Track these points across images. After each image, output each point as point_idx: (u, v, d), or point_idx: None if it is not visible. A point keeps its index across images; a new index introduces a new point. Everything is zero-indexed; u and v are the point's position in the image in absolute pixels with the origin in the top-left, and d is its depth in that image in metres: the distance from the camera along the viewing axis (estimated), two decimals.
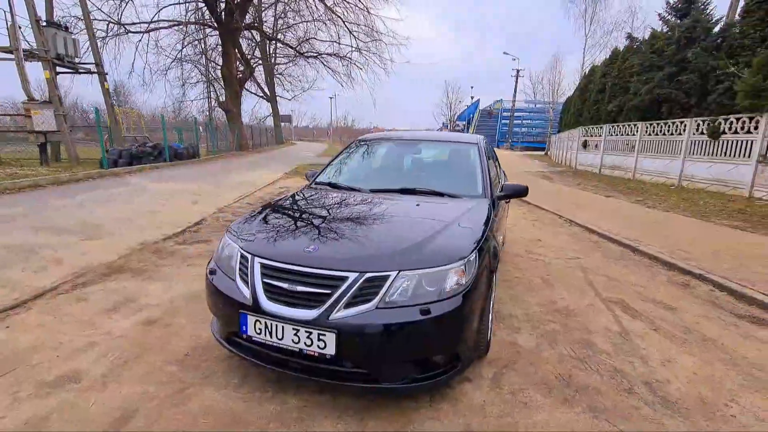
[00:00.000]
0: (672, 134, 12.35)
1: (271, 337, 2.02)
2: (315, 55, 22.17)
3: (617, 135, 15.53)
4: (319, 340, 1.93)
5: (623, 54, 15.85)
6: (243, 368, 2.50)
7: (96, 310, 3.25)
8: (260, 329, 2.04)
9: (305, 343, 1.96)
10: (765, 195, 9.06)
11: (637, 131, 14.13)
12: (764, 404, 2.29)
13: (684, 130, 11.80)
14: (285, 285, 2.05)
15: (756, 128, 9.42)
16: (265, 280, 2.12)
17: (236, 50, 21.97)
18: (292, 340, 1.98)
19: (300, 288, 2.02)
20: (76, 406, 2.11)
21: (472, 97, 54.17)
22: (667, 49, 12.56)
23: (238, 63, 22.12)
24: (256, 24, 22.46)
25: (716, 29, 11.83)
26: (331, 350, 1.92)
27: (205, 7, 19.85)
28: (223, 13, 19.73)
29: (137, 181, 10.88)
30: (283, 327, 1.98)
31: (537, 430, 2.04)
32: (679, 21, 12.62)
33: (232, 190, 10.06)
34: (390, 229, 2.47)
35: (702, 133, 11.10)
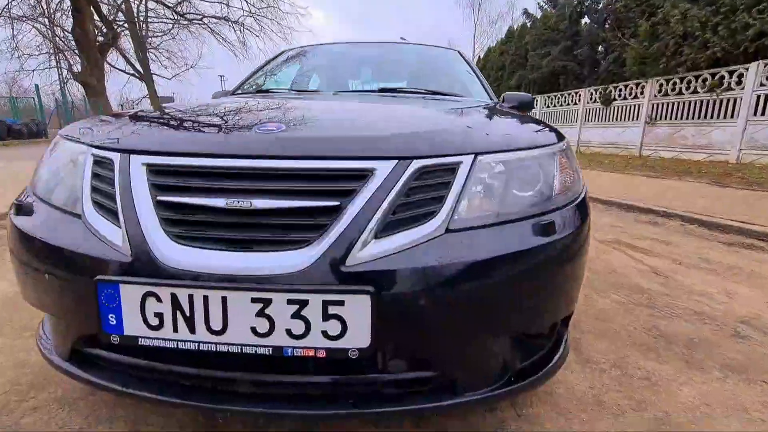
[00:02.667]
0: (569, 104, 13.28)
1: (192, 330, 0.80)
2: (199, 17, 18.65)
3: None
4: (327, 318, 0.78)
5: (519, 31, 16.68)
6: (122, 410, 1.19)
7: None
8: (161, 314, 0.80)
9: (289, 331, 0.79)
10: (652, 153, 10.10)
11: (536, 105, 15.00)
12: None
13: (579, 100, 12.74)
14: (220, 201, 0.84)
15: (642, 93, 10.41)
16: (162, 198, 0.87)
17: (92, 7, 17.62)
18: (255, 331, 0.79)
19: (265, 203, 0.83)
20: None
21: None
22: (561, 24, 13.38)
23: (100, 26, 17.74)
24: None
25: (601, 5, 12.90)
26: (361, 338, 0.79)
27: None
28: None
29: None
30: (224, 299, 0.78)
31: (705, 415, 1.20)
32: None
33: None
34: (409, 106, 1.39)
35: (595, 101, 12.06)
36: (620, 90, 11.09)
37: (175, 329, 0.80)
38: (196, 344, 0.81)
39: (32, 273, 0.97)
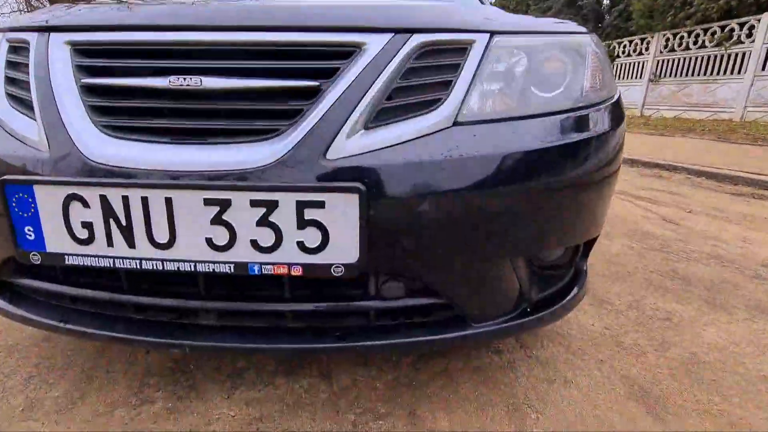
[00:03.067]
0: None
1: (130, 243, 0.62)
2: None
3: None
4: (302, 224, 0.60)
5: None
6: (67, 363, 1.04)
7: None
8: (89, 224, 0.62)
9: (255, 243, 0.61)
10: (654, 112, 9.82)
11: None
12: None
13: None
14: (159, 82, 0.64)
15: (647, 49, 9.98)
16: (89, 80, 0.67)
17: None
18: (212, 243, 0.62)
19: (216, 81, 0.63)
20: None
21: None
22: None
23: None
24: None
25: None
26: (346, 247, 0.62)
27: None
28: None
29: None
30: (169, 202, 0.60)
31: (733, 353, 1.08)
32: None
33: None
34: None
35: None
36: (624, 46, 10.64)
37: (110, 243, 0.63)
38: (138, 261, 0.63)
39: None
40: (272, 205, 0.60)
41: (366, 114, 0.65)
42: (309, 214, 0.60)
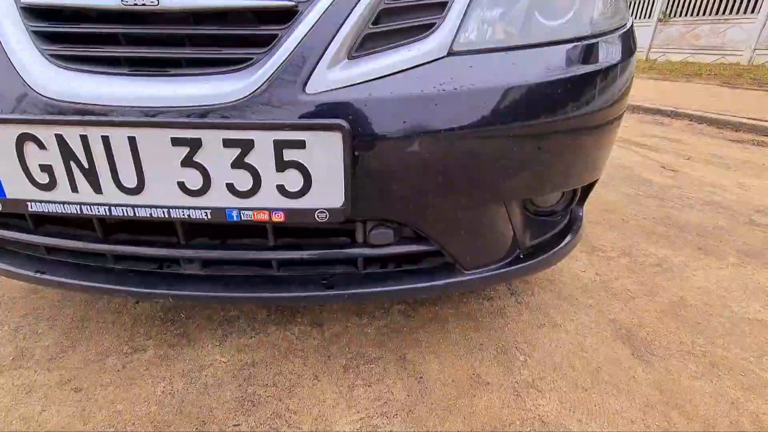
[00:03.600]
0: None
1: (96, 189, 0.58)
2: None
3: None
4: (282, 166, 0.56)
5: None
6: (55, 315, 1.03)
7: None
8: (48, 167, 0.57)
9: (231, 187, 0.57)
10: (660, 56, 9.41)
11: None
12: None
13: None
14: (108, 1, 0.55)
15: None
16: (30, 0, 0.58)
17: None
18: (182, 186, 0.57)
19: (172, 2, 0.55)
20: None
21: None
22: None
23: None
24: None
25: None
26: (330, 192, 0.58)
27: None
28: None
29: None
30: (133, 142, 0.54)
31: (720, 298, 1.09)
32: None
33: None
34: None
35: None
36: None
37: (74, 188, 0.58)
38: (107, 208, 0.59)
39: None
40: (248, 145, 0.54)
41: (349, 41, 0.57)
42: (288, 155, 0.55)
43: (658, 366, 0.87)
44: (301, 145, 0.55)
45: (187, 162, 0.55)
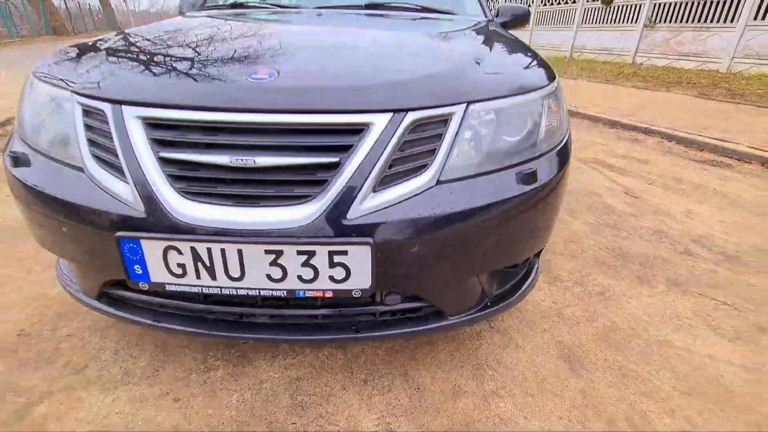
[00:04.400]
0: (567, 3, 12.27)
1: (213, 277, 0.91)
2: None
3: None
4: (333, 265, 0.89)
5: None
6: (150, 338, 1.36)
7: None
8: (182, 265, 0.90)
9: (301, 276, 0.90)
10: (646, 60, 9.76)
11: (533, 1, 13.79)
12: None
13: None
14: (224, 158, 0.87)
15: None
16: (164, 154, 0.90)
17: None
18: (270, 277, 0.90)
19: (268, 160, 0.87)
20: None
21: None
22: None
23: None
24: None
25: None
26: (362, 280, 0.91)
27: None
28: None
29: None
30: (240, 252, 0.87)
31: (642, 323, 1.45)
32: None
33: None
34: (402, 43, 1.35)
35: (596, 0, 11.16)
36: None
37: (198, 276, 0.91)
38: (218, 288, 0.92)
39: (46, 225, 1.03)
40: (312, 253, 0.87)
41: (374, 181, 0.90)
42: (337, 258, 0.88)
43: (585, 377, 1.23)
44: (344, 253, 0.88)
45: (273, 263, 0.88)
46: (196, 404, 1.12)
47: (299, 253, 0.87)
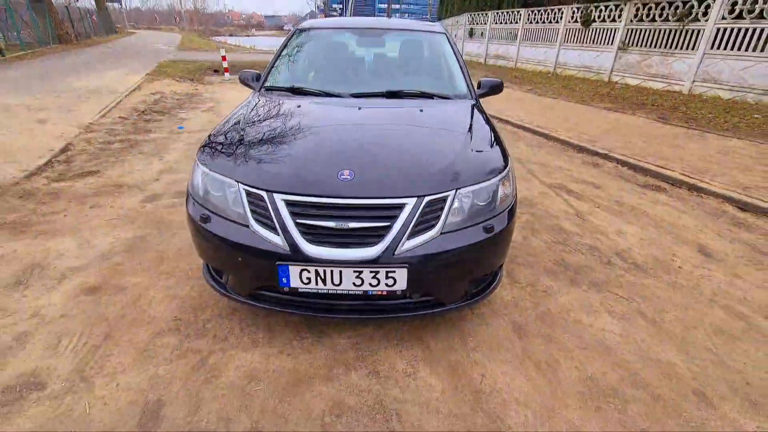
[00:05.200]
0: (551, 22, 13.23)
1: (325, 284, 1.73)
2: None
3: (502, 23, 16.01)
4: (387, 278, 1.72)
5: None
6: (260, 320, 2.18)
7: None
8: (309, 278, 1.72)
9: (370, 284, 1.73)
10: (620, 79, 10.73)
11: (520, 18, 14.73)
12: (693, 254, 2.97)
13: (561, 18, 12.70)
14: (332, 223, 1.70)
15: (620, 17, 10.62)
16: (299, 220, 1.72)
17: None
18: (354, 284, 1.73)
19: (354, 224, 1.70)
20: (70, 416, 1.61)
21: None
22: None
23: None
24: None
25: None
26: (401, 285, 1.75)
27: None
28: None
29: None
30: (341, 272, 1.70)
31: (567, 309, 2.31)
32: None
33: (86, 100, 7.71)
34: (418, 143, 2.18)
35: (576, 21, 12.12)
36: (600, 11, 11.19)
37: (317, 284, 1.74)
38: (327, 290, 1.75)
39: (222, 254, 1.85)
40: (377, 272, 1.70)
41: (408, 235, 1.73)
42: (390, 274, 1.71)
43: (525, 341, 2.08)
44: (393, 271, 1.71)
45: (356, 276, 1.71)
46: (303, 358, 1.95)
47: (370, 271, 1.71)
